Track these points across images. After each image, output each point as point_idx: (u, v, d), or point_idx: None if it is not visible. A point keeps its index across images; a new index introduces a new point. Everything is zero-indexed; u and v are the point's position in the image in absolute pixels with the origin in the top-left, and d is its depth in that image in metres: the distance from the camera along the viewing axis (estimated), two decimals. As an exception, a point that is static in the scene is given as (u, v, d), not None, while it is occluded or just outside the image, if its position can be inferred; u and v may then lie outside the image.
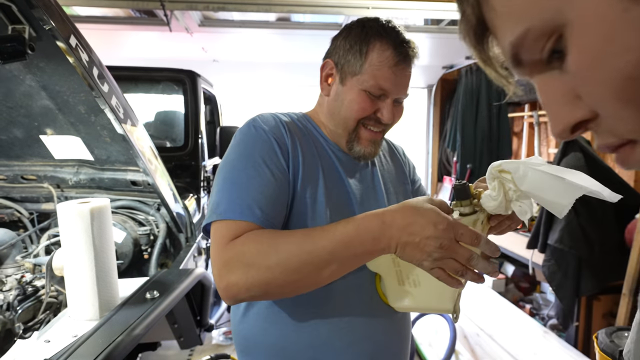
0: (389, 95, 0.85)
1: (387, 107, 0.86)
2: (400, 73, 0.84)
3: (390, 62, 0.83)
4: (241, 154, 0.80)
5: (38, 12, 1.04)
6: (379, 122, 0.87)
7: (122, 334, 1.09)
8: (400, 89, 0.87)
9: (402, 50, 0.84)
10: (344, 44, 0.88)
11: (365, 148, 0.89)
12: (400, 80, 0.85)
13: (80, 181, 1.81)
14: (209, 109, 3.39)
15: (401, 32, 0.87)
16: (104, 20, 3.23)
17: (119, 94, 1.42)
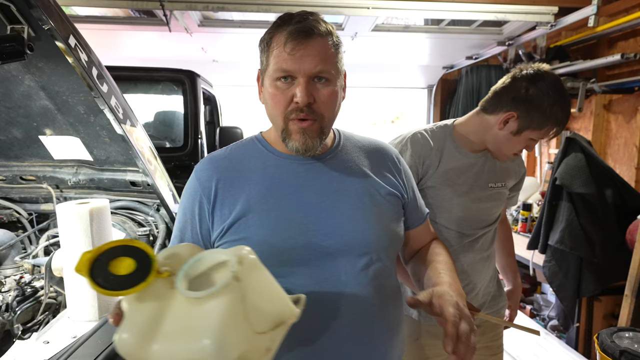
0: (296, 74, 0.82)
1: (298, 88, 0.82)
2: (299, 47, 0.81)
3: (285, 41, 0.81)
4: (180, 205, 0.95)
5: (37, 12, 1.04)
6: (300, 110, 0.83)
7: (122, 335, 1.08)
8: (304, 63, 0.81)
9: (297, 27, 0.81)
10: (259, 46, 0.90)
11: (297, 141, 0.85)
12: (302, 56, 0.81)
13: (80, 182, 1.81)
14: (208, 109, 3.39)
15: (302, 14, 0.84)
16: (103, 20, 3.23)
17: (119, 94, 1.42)
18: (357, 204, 0.89)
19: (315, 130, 0.86)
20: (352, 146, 0.99)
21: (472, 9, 3.00)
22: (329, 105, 0.86)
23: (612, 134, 3.26)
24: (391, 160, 1.01)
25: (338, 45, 0.87)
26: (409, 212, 1.01)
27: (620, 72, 3.11)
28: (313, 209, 0.87)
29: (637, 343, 1.74)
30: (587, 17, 2.79)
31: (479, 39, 3.65)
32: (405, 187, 0.99)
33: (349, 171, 0.93)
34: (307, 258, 0.85)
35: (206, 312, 0.55)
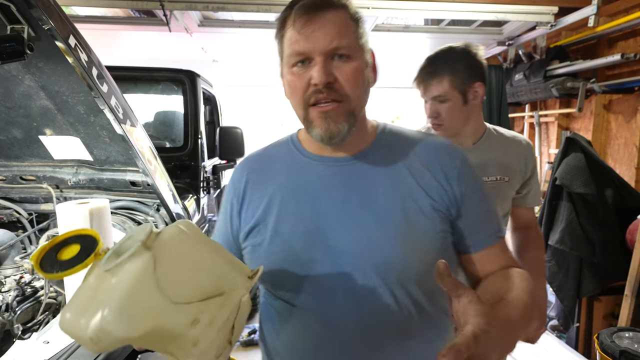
0: (311, 54, 0.72)
1: (315, 68, 0.72)
2: (310, 23, 0.71)
3: (294, 19, 0.73)
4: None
5: (37, 12, 1.04)
6: (319, 92, 0.73)
7: (122, 335, 1.08)
8: (317, 40, 0.71)
9: (304, 4, 0.73)
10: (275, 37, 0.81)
11: (319, 127, 0.74)
12: (314, 32, 0.71)
13: (80, 182, 1.81)
14: (208, 109, 3.38)
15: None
16: (103, 20, 3.23)
17: (118, 94, 1.42)
18: (383, 219, 0.75)
19: (341, 113, 0.74)
20: (396, 145, 0.83)
21: (472, 9, 3.00)
22: (353, 84, 0.74)
23: (612, 134, 3.26)
24: (447, 166, 0.79)
25: (358, 20, 0.76)
26: (464, 231, 0.79)
27: (620, 72, 3.11)
28: (331, 220, 0.76)
29: (637, 343, 1.75)
30: (587, 17, 2.79)
31: (479, 39, 3.64)
32: (457, 201, 0.78)
33: (383, 177, 0.78)
34: (319, 274, 0.75)
35: (114, 282, 0.54)
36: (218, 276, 0.60)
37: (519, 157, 1.38)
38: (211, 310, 0.58)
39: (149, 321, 0.53)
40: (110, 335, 0.52)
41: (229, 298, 0.60)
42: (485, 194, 0.82)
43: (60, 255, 0.59)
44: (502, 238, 0.82)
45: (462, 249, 0.80)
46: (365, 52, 0.78)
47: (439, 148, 0.82)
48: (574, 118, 3.67)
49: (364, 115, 0.82)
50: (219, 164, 3.09)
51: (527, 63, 3.63)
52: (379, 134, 0.84)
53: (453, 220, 0.78)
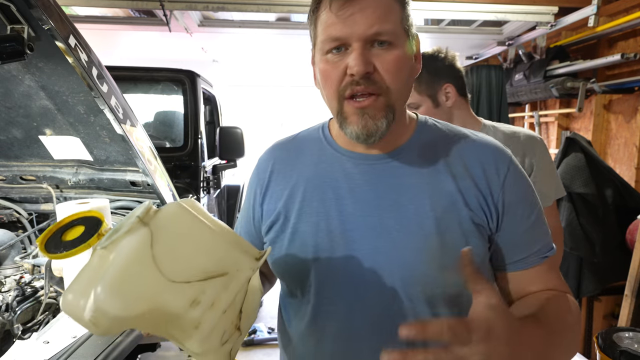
0: (348, 39, 0.64)
1: (352, 56, 0.64)
2: (347, 7, 0.63)
3: (331, 2, 0.64)
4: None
5: (37, 12, 1.04)
6: (357, 83, 0.65)
7: (122, 335, 1.08)
8: (357, 24, 0.63)
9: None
10: (308, 22, 0.73)
11: (356, 124, 0.67)
12: (352, 15, 0.63)
13: (80, 182, 1.81)
14: (208, 109, 3.38)
15: None
16: (103, 20, 3.23)
17: (119, 94, 1.42)
18: (411, 227, 0.68)
19: (380, 107, 0.66)
20: (437, 143, 0.73)
21: (472, 9, 3.00)
22: (395, 75, 0.65)
23: (612, 134, 3.26)
24: (491, 171, 0.70)
25: (404, 1, 0.68)
26: (503, 248, 0.71)
27: (620, 72, 3.11)
28: (356, 223, 0.70)
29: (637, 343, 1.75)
30: (587, 17, 2.79)
31: (479, 39, 3.65)
32: (499, 212, 0.69)
33: (419, 179, 0.70)
34: (339, 280, 0.70)
35: (111, 259, 0.52)
36: (221, 256, 0.57)
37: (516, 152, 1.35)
38: (213, 290, 0.54)
39: (145, 300, 0.51)
40: (107, 315, 0.50)
41: (234, 279, 0.56)
42: (534, 207, 0.72)
43: (65, 236, 0.58)
44: (550, 258, 0.72)
45: (498, 266, 0.73)
46: (409, 38, 0.69)
47: (486, 150, 0.72)
48: (574, 118, 3.67)
49: (404, 108, 0.73)
50: (219, 164, 3.09)
51: (527, 63, 3.63)
52: (418, 130, 0.76)
53: (492, 235, 0.70)
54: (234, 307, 0.58)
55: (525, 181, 0.72)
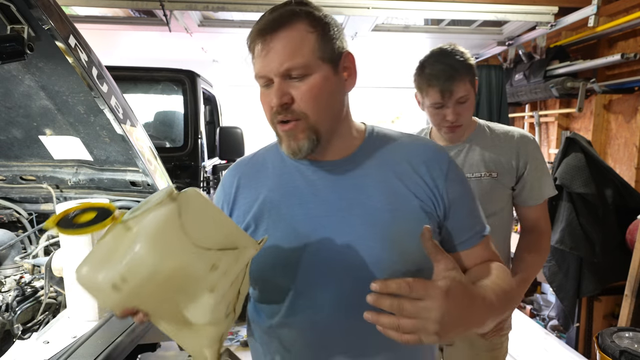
0: (269, 76, 0.74)
1: (272, 90, 0.74)
2: (264, 45, 0.73)
3: (254, 45, 0.75)
4: None
5: (37, 12, 1.04)
6: (278, 113, 0.75)
7: (122, 335, 1.08)
8: (272, 63, 0.72)
9: (260, 25, 0.74)
10: None
11: (284, 144, 0.78)
12: (267, 55, 0.73)
13: (80, 181, 1.81)
14: (208, 109, 3.39)
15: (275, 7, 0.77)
16: (103, 20, 3.23)
17: (119, 94, 1.42)
18: (371, 221, 0.77)
19: (301, 130, 0.76)
20: (384, 149, 0.84)
21: (472, 9, 3.00)
22: (310, 103, 0.74)
23: (612, 134, 3.26)
24: (435, 169, 0.81)
25: (321, 28, 0.75)
26: (451, 232, 0.82)
27: (620, 72, 3.11)
28: (321, 223, 0.78)
29: (637, 343, 1.75)
30: (587, 17, 2.79)
31: (479, 39, 3.65)
32: (445, 204, 0.80)
33: (371, 179, 0.80)
34: (311, 276, 0.78)
35: (142, 226, 0.59)
36: (232, 233, 0.65)
37: (510, 152, 1.35)
38: (227, 260, 0.62)
39: (176, 258, 0.58)
40: (138, 275, 0.56)
41: (242, 254, 0.64)
42: (471, 196, 0.85)
43: (78, 220, 0.63)
44: (486, 237, 0.85)
45: (449, 248, 0.83)
46: (326, 62, 0.76)
47: (427, 151, 0.84)
48: (574, 118, 3.67)
49: (340, 124, 0.82)
50: (219, 164, 3.09)
51: (527, 63, 3.63)
52: (367, 138, 0.85)
53: (440, 222, 0.81)
54: (237, 283, 0.67)
55: (462, 175, 0.85)
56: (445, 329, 0.57)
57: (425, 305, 0.57)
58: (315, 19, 0.75)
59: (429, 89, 1.32)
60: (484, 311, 0.65)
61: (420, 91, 1.38)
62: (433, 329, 0.57)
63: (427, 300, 0.57)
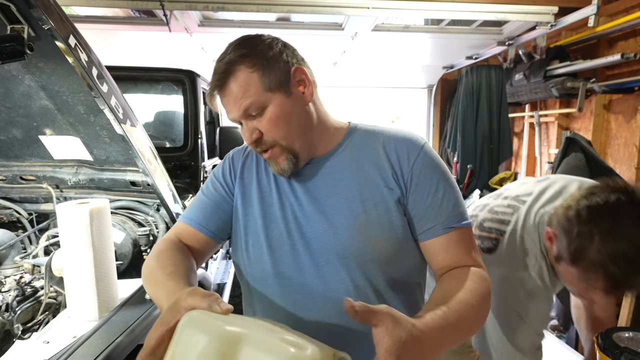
0: (235, 120, 0.86)
1: (242, 130, 0.87)
2: (222, 99, 0.85)
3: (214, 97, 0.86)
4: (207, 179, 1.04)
5: (37, 12, 1.04)
6: (255, 146, 0.87)
7: (122, 335, 1.08)
8: (233, 112, 0.84)
9: (213, 80, 0.84)
10: None
11: (272, 168, 0.90)
12: (227, 104, 0.85)
13: (80, 181, 1.81)
14: (208, 109, 3.38)
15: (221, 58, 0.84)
16: (103, 20, 3.23)
17: (119, 94, 1.42)
18: (344, 211, 0.84)
19: (278, 154, 0.86)
20: (363, 142, 0.90)
21: (472, 9, 3.00)
22: (275, 131, 0.84)
23: (612, 134, 3.26)
24: (402, 155, 0.86)
25: (259, 63, 0.81)
26: (412, 219, 0.84)
27: (620, 72, 3.11)
28: (303, 210, 0.87)
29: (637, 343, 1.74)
30: (587, 17, 2.79)
31: (479, 39, 3.64)
32: (406, 187, 0.84)
33: (349, 172, 0.87)
34: (292, 262, 0.86)
35: None
36: None
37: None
38: None
39: None
40: None
41: None
42: (442, 186, 0.84)
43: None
44: (456, 230, 0.83)
45: (415, 237, 0.86)
46: (276, 90, 0.82)
47: (402, 139, 0.88)
48: (574, 118, 3.67)
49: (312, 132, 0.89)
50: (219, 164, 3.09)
51: (527, 63, 3.63)
52: (347, 135, 0.92)
53: (404, 209, 0.84)
54: None
55: (434, 165, 0.86)
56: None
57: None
58: (252, 60, 0.81)
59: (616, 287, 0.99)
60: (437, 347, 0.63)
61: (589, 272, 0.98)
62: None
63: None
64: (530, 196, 1.24)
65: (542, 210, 1.18)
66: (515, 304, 1.18)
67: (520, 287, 1.17)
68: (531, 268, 1.16)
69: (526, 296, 1.17)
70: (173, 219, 1.86)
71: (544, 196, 1.22)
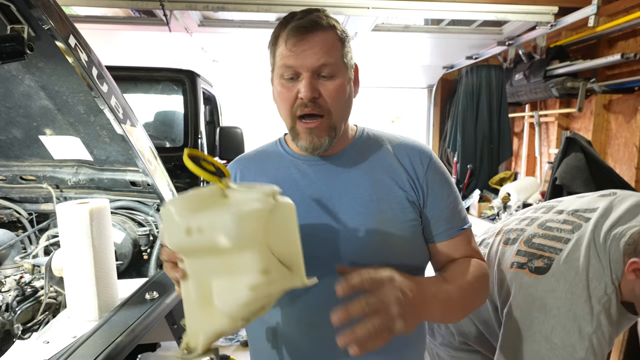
0: (300, 69, 0.81)
1: (302, 83, 0.81)
2: (300, 43, 0.80)
3: (287, 38, 0.81)
4: None
5: (37, 12, 1.04)
6: (305, 105, 0.82)
7: (122, 335, 1.08)
8: (306, 58, 0.80)
9: (298, 23, 0.80)
10: (268, 48, 0.89)
11: (305, 140, 0.85)
12: (304, 51, 0.80)
13: (80, 181, 1.81)
14: (208, 109, 3.39)
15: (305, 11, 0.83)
16: (103, 20, 3.23)
17: (119, 94, 1.42)
18: (359, 210, 0.84)
19: (324, 128, 0.84)
20: (373, 145, 0.93)
21: (472, 9, 3.00)
22: (335, 100, 0.83)
23: (612, 134, 3.26)
24: (415, 161, 0.90)
25: (344, 39, 0.84)
26: (430, 221, 0.89)
27: (620, 72, 3.11)
28: (313, 213, 0.85)
29: (637, 343, 1.74)
30: (587, 17, 2.79)
31: (479, 39, 3.64)
32: (424, 192, 0.88)
33: (360, 173, 0.88)
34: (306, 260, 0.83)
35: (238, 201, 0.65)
36: (295, 256, 0.68)
37: None
38: (278, 273, 0.65)
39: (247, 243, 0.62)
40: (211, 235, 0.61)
41: (290, 278, 0.67)
42: (451, 192, 0.91)
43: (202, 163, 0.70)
44: (466, 231, 0.92)
45: (428, 238, 0.90)
46: (348, 68, 0.86)
47: (412, 147, 0.93)
48: (574, 118, 3.67)
49: (346, 125, 0.91)
50: (219, 164, 3.09)
51: (527, 63, 3.63)
52: (357, 137, 0.94)
53: (422, 211, 0.89)
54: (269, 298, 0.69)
55: (443, 171, 0.92)
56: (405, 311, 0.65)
57: (384, 294, 0.65)
58: (340, 31, 0.84)
59: None
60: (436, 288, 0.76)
61: None
62: (396, 311, 0.64)
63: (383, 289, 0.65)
64: (595, 213, 1.07)
65: (614, 231, 1.01)
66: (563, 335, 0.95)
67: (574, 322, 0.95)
68: (596, 300, 0.95)
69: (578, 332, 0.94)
70: (173, 219, 1.86)
71: (613, 214, 1.05)
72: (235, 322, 0.67)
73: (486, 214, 3.57)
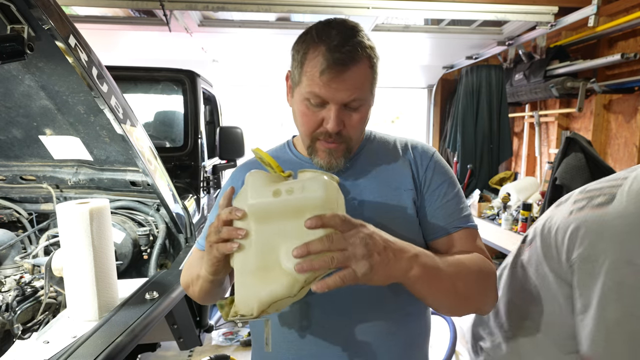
0: (330, 101, 0.80)
1: (330, 115, 0.80)
2: (335, 77, 0.77)
3: (321, 67, 0.77)
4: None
5: (37, 11, 1.04)
6: (329, 135, 0.82)
7: (122, 335, 1.08)
8: (339, 93, 0.79)
9: (334, 55, 0.77)
10: (293, 53, 0.86)
11: (322, 159, 0.86)
12: (337, 85, 0.78)
13: (80, 181, 1.81)
14: (208, 109, 3.38)
15: (341, 32, 0.80)
16: (103, 20, 3.23)
17: (119, 94, 1.42)
18: (368, 213, 0.87)
19: (342, 150, 0.86)
20: (380, 148, 0.95)
21: (472, 9, 3.00)
22: (357, 129, 0.85)
23: (612, 134, 3.26)
24: (417, 158, 0.92)
25: (375, 65, 0.85)
26: (427, 221, 0.89)
27: (620, 72, 3.11)
28: None
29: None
30: (587, 17, 2.79)
31: (479, 39, 3.65)
32: (422, 186, 0.90)
33: (369, 177, 0.91)
34: None
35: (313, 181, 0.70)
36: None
37: None
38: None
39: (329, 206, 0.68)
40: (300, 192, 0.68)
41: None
42: (452, 190, 0.91)
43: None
44: (466, 229, 0.89)
45: (426, 235, 0.90)
46: (373, 95, 0.87)
47: (415, 147, 0.95)
48: (574, 118, 3.67)
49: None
50: (219, 164, 3.09)
51: (527, 63, 3.63)
52: (364, 142, 0.96)
53: (417, 211, 0.89)
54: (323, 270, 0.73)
55: (445, 170, 0.93)
56: (371, 254, 0.65)
57: (350, 234, 0.65)
58: (373, 58, 0.84)
59: None
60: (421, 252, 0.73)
61: None
62: (361, 252, 0.64)
63: (351, 230, 0.66)
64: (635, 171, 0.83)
65: None
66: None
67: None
68: None
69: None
70: (173, 219, 1.86)
71: None
72: (294, 285, 0.68)
73: (486, 214, 3.58)
